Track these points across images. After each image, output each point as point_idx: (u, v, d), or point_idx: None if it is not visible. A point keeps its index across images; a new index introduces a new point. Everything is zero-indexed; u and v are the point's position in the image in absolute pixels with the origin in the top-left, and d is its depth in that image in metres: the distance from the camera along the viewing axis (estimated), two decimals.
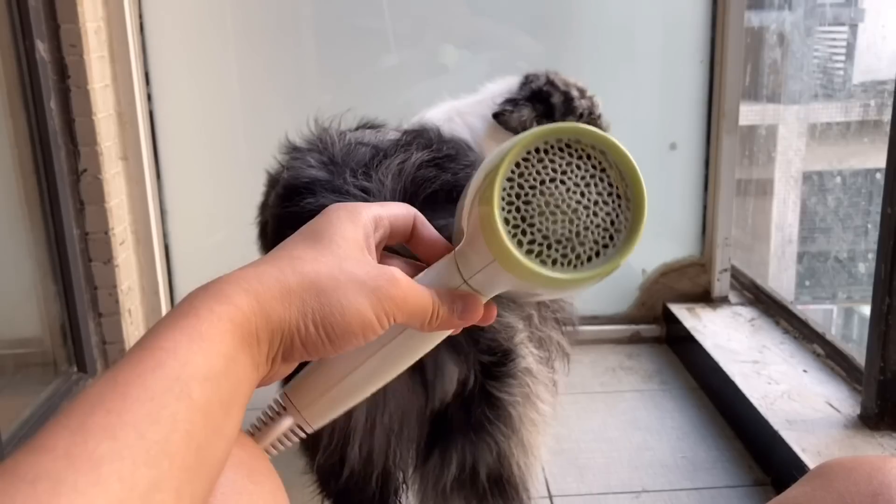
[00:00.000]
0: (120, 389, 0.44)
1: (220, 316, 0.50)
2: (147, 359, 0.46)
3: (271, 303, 0.52)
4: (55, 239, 2.19)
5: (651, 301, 2.59)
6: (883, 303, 1.66)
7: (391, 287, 0.55)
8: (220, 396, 0.48)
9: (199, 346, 0.48)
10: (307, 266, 0.54)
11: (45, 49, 2.10)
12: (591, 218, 0.57)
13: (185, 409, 0.45)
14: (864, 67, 3.44)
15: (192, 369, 0.46)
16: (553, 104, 1.73)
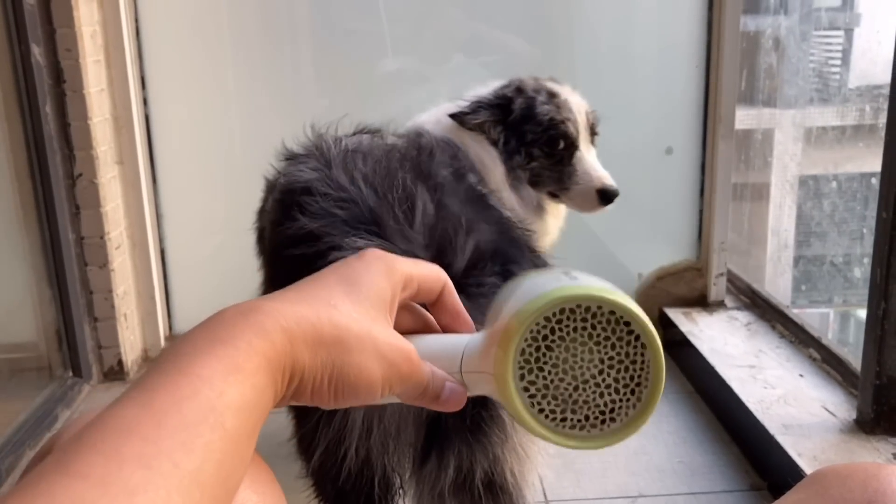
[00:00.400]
0: (156, 417, 0.44)
1: (257, 350, 0.50)
2: (184, 385, 0.46)
3: (302, 347, 0.53)
4: (50, 243, 2.19)
5: (647, 305, 2.59)
6: (878, 307, 1.66)
7: (405, 366, 0.57)
8: (248, 427, 0.49)
9: (235, 378, 0.48)
10: (342, 319, 0.55)
11: (41, 53, 2.10)
12: (595, 397, 0.57)
13: (219, 439, 0.46)
14: (860, 72, 3.45)
15: (227, 400, 0.47)
16: (512, 110, 1.74)
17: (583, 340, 0.56)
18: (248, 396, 0.49)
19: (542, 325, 0.56)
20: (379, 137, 1.46)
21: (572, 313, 0.56)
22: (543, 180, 1.76)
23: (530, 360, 0.56)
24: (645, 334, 0.56)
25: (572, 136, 1.75)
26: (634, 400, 0.57)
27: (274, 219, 1.25)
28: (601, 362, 0.56)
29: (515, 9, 2.47)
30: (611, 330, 0.56)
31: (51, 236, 2.18)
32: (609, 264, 2.61)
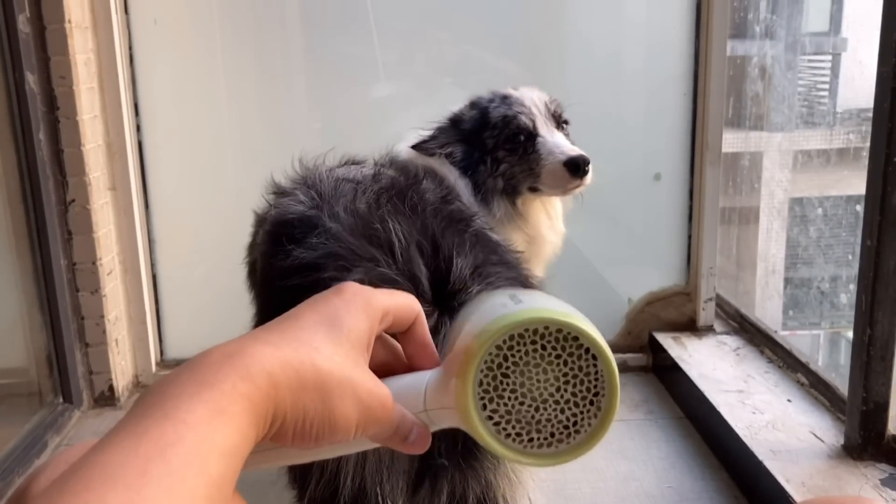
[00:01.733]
0: (140, 464, 0.44)
1: (241, 393, 0.51)
2: (169, 431, 0.47)
3: (285, 392, 0.54)
4: (42, 269, 2.19)
5: (637, 330, 2.61)
6: (864, 333, 1.68)
7: (380, 411, 0.58)
8: (232, 471, 0.49)
9: (219, 422, 0.49)
10: (325, 364, 0.56)
11: (35, 81, 2.11)
12: (556, 413, 0.58)
13: (204, 485, 0.46)
14: (848, 96, 3.50)
15: (212, 445, 0.47)
16: (463, 123, 1.78)
17: (536, 362, 0.58)
18: (233, 440, 0.49)
19: (495, 353, 0.57)
20: (366, 168, 1.47)
21: (521, 338, 0.57)
22: (518, 178, 1.75)
23: (489, 390, 0.57)
24: (594, 346, 0.58)
25: (527, 126, 1.74)
26: (594, 410, 0.59)
27: (265, 251, 1.26)
28: (557, 380, 0.58)
29: (506, 35, 2.50)
30: (560, 347, 0.58)
31: (42, 262, 2.19)
32: (599, 289, 2.63)
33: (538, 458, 0.59)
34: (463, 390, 0.57)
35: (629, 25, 2.50)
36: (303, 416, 0.55)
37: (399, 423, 0.61)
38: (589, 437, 0.59)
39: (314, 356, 0.56)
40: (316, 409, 0.55)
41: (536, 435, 0.59)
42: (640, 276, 2.61)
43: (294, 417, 0.55)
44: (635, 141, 2.53)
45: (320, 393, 0.55)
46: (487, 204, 1.73)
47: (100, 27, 2.28)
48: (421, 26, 2.52)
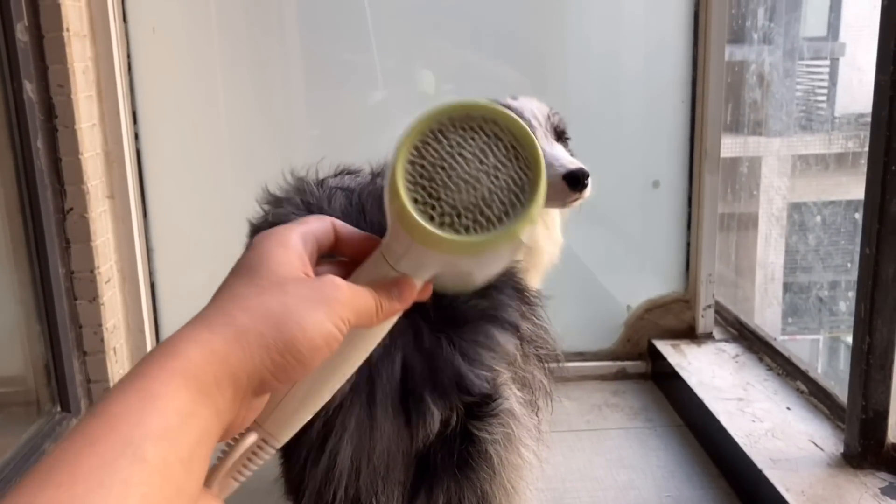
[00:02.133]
0: (70, 460, 0.43)
1: (172, 372, 0.49)
2: (98, 425, 0.46)
3: (226, 348, 0.52)
4: (40, 278, 2.19)
5: (636, 337, 2.61)
6: (863, 342, 1.67)
7: (337, 293, 0.57)
8: (178, 454, 0.47)
9: (151, 406, 0.47)
10: (253, 301, 0.55)
11: (33, 89, 2.11)
12: (493, 182, 0.60)
13: (140, 471, 0.44)
14: (847, 101, 3.50)
15: (145, 430, 0.46)
16: None
17: (450, 152, 0.61)
18: (170, 422, 0.47)
19: (412, 170, 0.60)
20: (361, 177, 1.47)
21: (428, 140, 0.61)
22: None
23: (426, 199, 0.60)
24: (511, 126, 0.61)
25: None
26: (524, 166, 0.60)
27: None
28: (475, 156, 0.60)
29: (504, 41, 2.51)
30: (485, 133, 0.61)
31: (40, 270, 2.18)
32: (598, 296, 2.62)
33: (507, 229, 0.59)
34: (404, 217, 0.59)
35: (627, 32, 2.51)
36: (264, 354, 0.53)
37: (373, 293, 0.60)
38: (533, 183, 0.60)
39: (238, 302, 0.55)
40: (275, 339, 0.53)
41: (489, 211, 0.60)
42: (639, 284, 2.61)
43: (256, 362, 0.53)
44: (634, 148, 2.53)
45: (267, 324, 0.54)
46: None
47: (98, 36, 2.28)
48: (419, 33, 2.52)
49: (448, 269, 0.64)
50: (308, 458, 1.13)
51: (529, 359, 1.27)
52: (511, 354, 1.19)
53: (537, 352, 1.30)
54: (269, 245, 0.60)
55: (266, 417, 0.62)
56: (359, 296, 0.59)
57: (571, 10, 2.50)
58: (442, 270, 0.63)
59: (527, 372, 1.26)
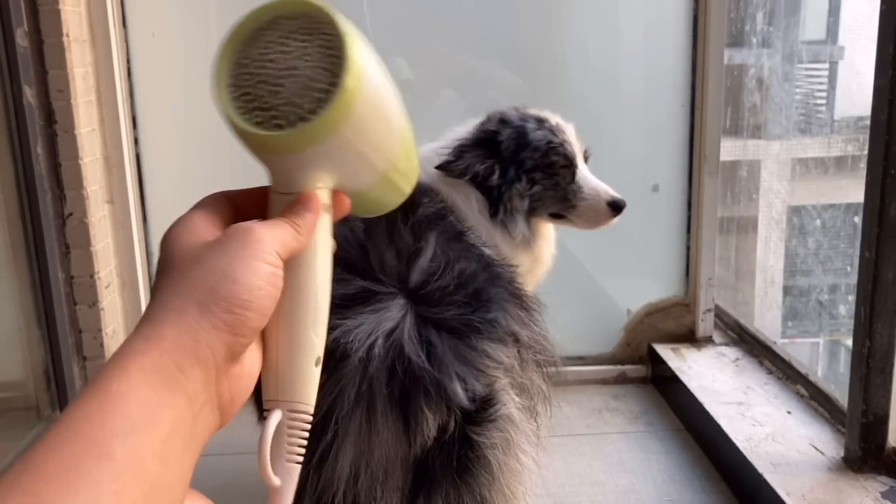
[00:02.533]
0: (35, 468, 0.43)
1: (127, 370, 0.49)
2: (61, 431, 0.45)
3: (174, 332, 0.52)
4: (40, 282, 2.19)
5: (636, 341, 2.60)
6: (863, 345, 1.67)
7: (250, 233, 0.58)
8: (150, 448, 0.47)
9: (113, 405, 0.47)
10: (180, 283, 0.55)
11: (33, 94, 2.11)
12: (306, 73, 0.61)
13: (108, 470, 0.44)
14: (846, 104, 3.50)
15: (109, 429, 0.45)
16: (499, 141, 1.73)
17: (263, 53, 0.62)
18: (135, 418, 0.47)
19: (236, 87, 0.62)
20: None
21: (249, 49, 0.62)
22: (546, 203, 1.77)
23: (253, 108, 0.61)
24: (319, 13, 0.62)
25: (572, 156, 1.78)
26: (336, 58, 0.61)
27: None
28: (285, 55, 0.61)
29: (504, 46, 2.51)
30: (301, 31, 0.62)
31: (40, 275, 2.18)
32: (597, 300, 2.62)
33: (327, 114, 0.59)
34: (238, 132, 0.61)
35: (626, 37, 2.51)
36: (207, 319, 0.53)
37: (281, 218, 0.61)
38: (343, 70, 0.60)
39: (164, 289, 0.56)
40: (210, 300, 0.54)
41: (305, 103, 0.60)
42: (639, 288, 2.61)
43: (206, 330, 0.53)
44: (633, 152, 2.53)
45: (198, 292, 0.54)
46: (507, 223, 1.71)
47: (98, 41, 2.29)
48: (418, 39, 2.52)
49: (324, 169, 0.64)
50: (307, 464, 1.13)
51: (528, 364, 1.27)
52: (506, 363, 1.19)
53: (536, 357, 1.30)
54: (172, 235, 0.61)
55: (272, 387, 0.62)
56: (271, 226, 0.60)
57: (571, 15, 2.51)
58: (316, 170, 0.63)
59: (525, 378, 1.26)
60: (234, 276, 0.55)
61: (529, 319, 1.32)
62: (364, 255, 1.17)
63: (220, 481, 1.94)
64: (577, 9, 2.50)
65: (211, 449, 1.56)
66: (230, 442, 2.17)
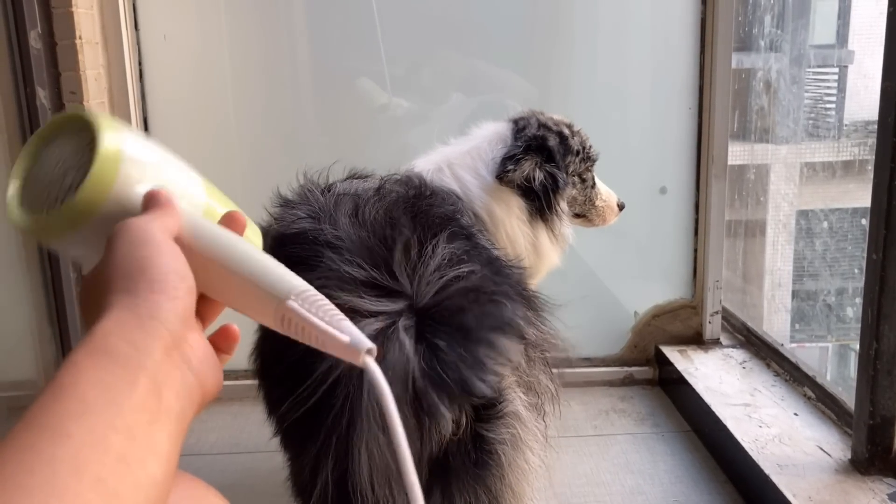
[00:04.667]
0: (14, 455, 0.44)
1: (76, 362, 0.51)
2: (16, 428, 0.47)
3: (111, 322, 0.54)
4: (52, 282, 2.21)
5: (643, 343, 2.61)
6: (870, 347, 1.67)
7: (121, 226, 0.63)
8: (109, 424, 0.47)
9: (63, 394, 0.48)
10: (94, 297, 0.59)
11: (46, 96, 2.14)
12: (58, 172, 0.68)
13: (65, 448, 0.45)
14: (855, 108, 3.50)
15: (62, 412, 0.47)
16: (551, 147, 1.75)
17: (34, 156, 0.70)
18: (88, 398, 0.48)
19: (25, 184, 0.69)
20: (370, 181, 1.49)
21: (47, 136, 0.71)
22: (577, 204, 1.87)
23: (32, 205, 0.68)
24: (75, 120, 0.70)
25: (596, 159, 1.88)
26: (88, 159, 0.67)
27: None
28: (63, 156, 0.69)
29: (513, 50, 2.52)
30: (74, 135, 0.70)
31: (52, 274, 2.20)
32: (605, 302, 2.63)
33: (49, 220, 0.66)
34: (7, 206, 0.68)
35: (634, 39, 2.52)
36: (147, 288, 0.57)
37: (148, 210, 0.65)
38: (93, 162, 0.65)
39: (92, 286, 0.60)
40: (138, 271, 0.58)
41: (59, 193, 0.67)
42: (646, 290, 2.61)
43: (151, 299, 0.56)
44: (641, 154, 2.54)
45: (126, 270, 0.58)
46: (554, 226, 1.75)
47: (110, 43, 2.31)
48: (427, 42, 2.53)
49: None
50: (319, 461, 1.14)
51: (535, 363, 1.28)
52: (516, 359, 1.20)
53: (543, 356, 1.31)
54: (81, 292, 0.67)
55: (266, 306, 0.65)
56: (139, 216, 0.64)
57: (579, 18, 2.52)
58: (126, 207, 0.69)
59: (532, 376, 1.27)
60: (137, 254, 0.59)
61: (537, 319, 1.33)
62: (374, 253, 1.18)
63: (228, 480, 1.95)
64: (584, 12, 2.51)
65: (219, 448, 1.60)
66: (238, 441, 2.18)
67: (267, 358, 1.31)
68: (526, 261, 1.68)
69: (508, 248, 1.66)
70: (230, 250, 0.67)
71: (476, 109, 2.50)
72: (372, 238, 1.20)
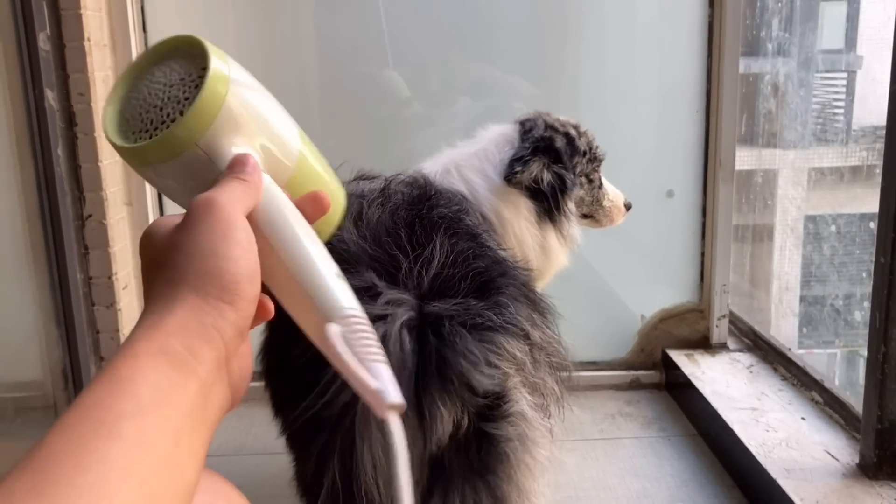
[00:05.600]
0: (45, 450, 0.44)
1: (136, 355, 0.50)
2: (70, 416, 0.46)
3: (175, 317, 0.53)
4: (59, 283, 2.21)
5: (650, 347, 2.60)
6: (878, 351, 1.67)
7: (211, 206, 0.59)
8: (160, 428, 0.48)
9: (121, 389, 0.48)
10: (163, 272, 0.57)
11: (54, 97, 2.15)
12: (170, 90, 0.66)
13: (116, 447, 0.45)
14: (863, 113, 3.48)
15: (118, 411, 0.46)
16: (558, 148, 1.75)
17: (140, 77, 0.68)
18: (143, 399, 0.48)
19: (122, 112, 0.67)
20: (375, 183, 1.49)
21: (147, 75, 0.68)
22: (584, 204, 1.86)
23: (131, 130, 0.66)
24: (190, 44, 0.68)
25: (603, 159, 1.87)
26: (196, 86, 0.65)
27: None
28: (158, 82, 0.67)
29: (520, 54, 2.52)
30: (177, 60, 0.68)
31: (59, 276, 2.21)
32: (612, 306, 2.62)
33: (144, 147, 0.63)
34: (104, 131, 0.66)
35: (641, 44, 2.51)
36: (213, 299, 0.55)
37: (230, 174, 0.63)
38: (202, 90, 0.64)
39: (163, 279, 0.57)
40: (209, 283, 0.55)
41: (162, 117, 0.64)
42: (653, 293, 2.61)
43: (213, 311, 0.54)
44: (648, 158, 2.54)
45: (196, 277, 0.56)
46: (562, 227, 1.75)
47: (118, 45, 2.32)
48: (435, 46, 2.54)
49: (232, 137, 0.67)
50: (323, 460, 1.14)
51: (541, 365, 1.28)
52: (518, 359, 1.20)
53: (549, 359, 1.31)
54: (143, 237, 0.63)
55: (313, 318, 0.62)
56: (224, 189, 0.61)
57: (586, 22, 2.52)
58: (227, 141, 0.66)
59: (537, 377, 1.26)
60: (216, 251, 0.56)
61: (542, 321, 1.33)
62: (376, 252, 1.18)
63: (234, 481, 1.95)
64: (592, 15, 2.51)
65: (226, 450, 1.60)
66: (245, 443, 2.18)
67: (274, 359, 1.31)
68: (534, 262, 1.68)
69: (517, 249, 1.65)
70: (290, 246, 0.64)
71: (483, 113, 2.50)
72: (374, 240, 1.20)
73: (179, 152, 0.63)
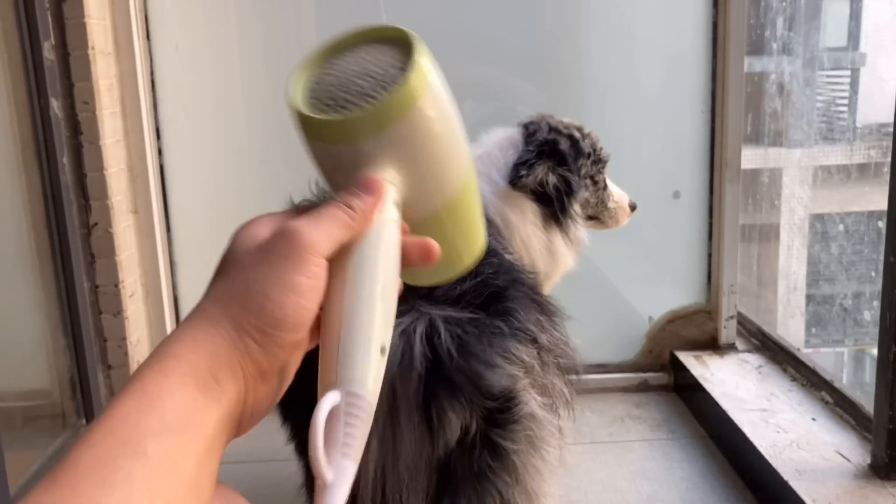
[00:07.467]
0: (71, 465, 0.44)
1: (166, 373, 0.50)
2: (98, 430, 0.46)
3: (208, 341, 0.52)
4: (66, 292, 2.21)
5: (658, 349, 2.59)
6: (889, 351, 1.66)
7: (291, 240, 0.56)
8: (183, 449, 0.48)
9: (149, 406, 0.48)
10: (220, 292, 0.56)
11: (59, 106, 2.15)
12: (368, 73, 0.66)
13: (142, 467, 0.45)
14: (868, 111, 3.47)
15: (144, 428, 0.46)
16: (563, 151, 1.74)
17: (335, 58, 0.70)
18: (169, 419, 0.47)
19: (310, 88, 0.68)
20: None
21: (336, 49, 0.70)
22: (590, 206, 1.85)
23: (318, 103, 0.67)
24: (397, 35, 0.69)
25: (607, 161, 1.86)
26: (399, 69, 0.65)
27: None
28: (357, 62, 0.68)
29: (523, 56, 2.52)
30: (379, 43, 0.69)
31: (66, 284, 2.21)
32: (619, 308, 2.62)
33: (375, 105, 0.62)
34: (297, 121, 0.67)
35: (646, 44, 2.51)
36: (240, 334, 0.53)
37: (332, 203, 0.59)
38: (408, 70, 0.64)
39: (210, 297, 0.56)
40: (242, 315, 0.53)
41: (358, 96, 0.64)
42: (661, 295, 2.60)
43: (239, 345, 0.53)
44: (654, 159, 2.53)
45: (234, 305, 0.54)
46: (569, 229, 1.74)
47: (122, 53, 2.32)
48: (438, 50, 2.52)
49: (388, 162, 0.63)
50: None
51: (549, 367, 1.28)
52: (527, 362, 1.20)
53: (557, 361, 1.30)
54: (238, 231, 0.61)
55: (331, 371, 0.57)
56: (316, 221, 0.57)
57: (591, 23, 2.51)
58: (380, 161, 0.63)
59: (546, 379, 1.26)
60: (268, 293, 0.54)
61: (550, 324, 1.33)
62: None
63: (242, 489, 1.94)
64: (596, 16, 2.51)
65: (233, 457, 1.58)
66: (252, 450, 2.18)
67: None
68: (541, 265, 1.68)
69: (523, 252, 1.65)
70: (357, 303, 0.58)
71: (487, 116, 2.49)
72: None
73: (362, 136, 0.62)
